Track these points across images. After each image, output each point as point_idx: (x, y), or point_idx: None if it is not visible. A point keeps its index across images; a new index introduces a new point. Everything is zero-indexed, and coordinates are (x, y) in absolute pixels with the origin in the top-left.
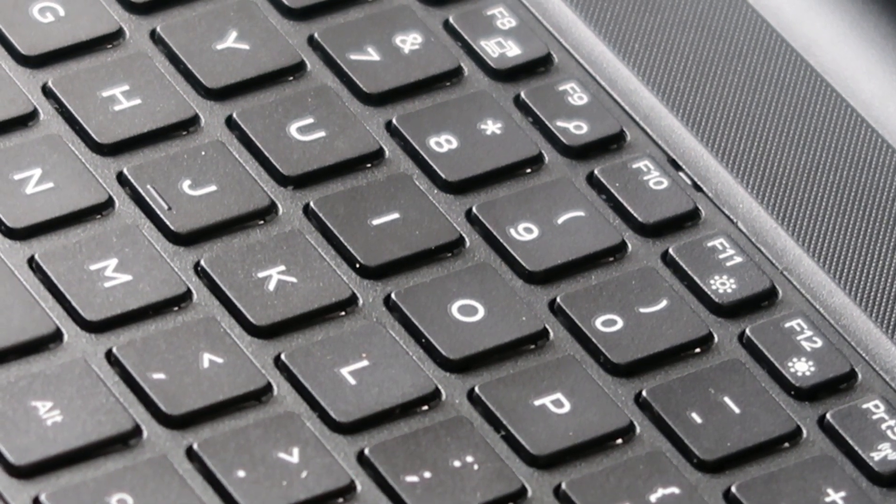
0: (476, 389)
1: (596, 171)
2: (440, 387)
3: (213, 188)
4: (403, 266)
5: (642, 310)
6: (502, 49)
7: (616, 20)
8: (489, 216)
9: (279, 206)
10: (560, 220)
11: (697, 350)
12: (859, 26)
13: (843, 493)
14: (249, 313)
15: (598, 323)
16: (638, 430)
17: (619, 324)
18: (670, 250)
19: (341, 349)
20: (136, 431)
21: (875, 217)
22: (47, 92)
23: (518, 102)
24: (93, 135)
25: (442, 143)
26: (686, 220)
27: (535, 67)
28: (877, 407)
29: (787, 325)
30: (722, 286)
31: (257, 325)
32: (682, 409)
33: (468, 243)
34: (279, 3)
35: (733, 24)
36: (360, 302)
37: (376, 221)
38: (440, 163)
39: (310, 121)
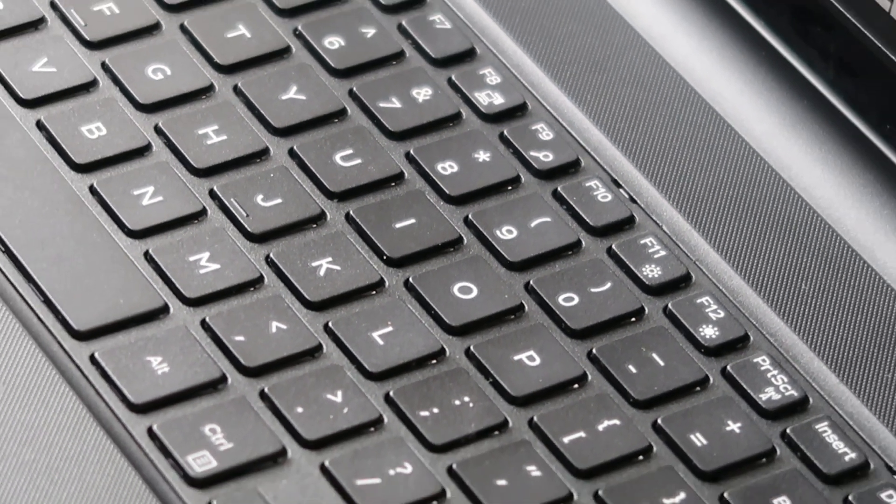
0: (471, 348)
1: (559, 188)
2: (445, 346)
3: (279, 201)
4: (418, 258)
5: (593, 290)
6: (490, 99)
7: (574, 78)
8: (481, 221)
9: (327, 214)
10: (532, 224)
11: (633, 319)
12: (752, 84)
13: (739, 424)
14: (306, 292)
15: (560, 299)
16: (589, 378)
17: (576, 300)
18: (613, 246)
19: (372, 318)
20: (223, 379)
21: (762, 222)
22: (158, 130)
23: (502, 138)
24: (191, 162)
25: (446, 167)
26: (624, 224)
27: (514, 113)
28: (764, 361)
29: (698, 300)
30: (651, 272)
31: (311, 300)
32: (621, 363)
33: (465, 241)
34: (327, 65)
35: (659, 81)
36: (387, 284)
37: (398, 225)
38: (445, 182)
39: (350, 152)
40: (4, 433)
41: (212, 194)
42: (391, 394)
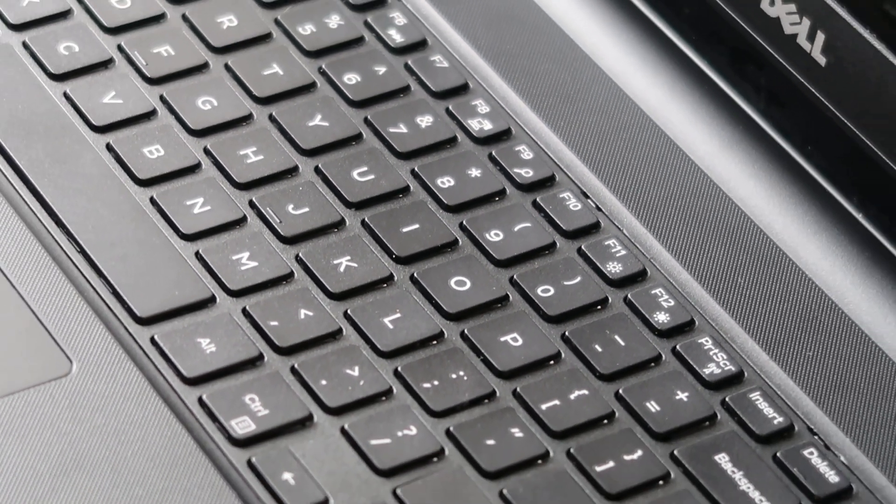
0: (465, 331)
1: (537, 199)
2: (443, 330)
3: (306, 209)
4: (421, 256)
5: (565, 283)
6: (481, 125)
7: (550, 108)
8: (473, 226)
9: (346, 220)
10: (516, 229)
11: (599, 307)
12: (697, 112)
13: (686, 394)
14: (328, 285)
15: (538, 290)
16: (563, 355)
17: (552, 291)
18: (582, 247)
19: (383, 307)
20: (260, 357)
21: (706, 226)
22: (206, 151)
23: (490, 158)
24: (234, 177)
25: (445, 182)
26: (592, 229)
27: (501, 137)
28: (707, 342)
29: (653, 291)
30: (614, 268)
31: (333, 292)
32: (589, 343)
33: (460, 243)
34: (346, 97)
35: (620, 110)
36: (395, 278)
37: (405, 229)
38: (443, 194)
39: (364, 168)
40: (80, 402)
41: (251, 204)
42: (399, 369)
